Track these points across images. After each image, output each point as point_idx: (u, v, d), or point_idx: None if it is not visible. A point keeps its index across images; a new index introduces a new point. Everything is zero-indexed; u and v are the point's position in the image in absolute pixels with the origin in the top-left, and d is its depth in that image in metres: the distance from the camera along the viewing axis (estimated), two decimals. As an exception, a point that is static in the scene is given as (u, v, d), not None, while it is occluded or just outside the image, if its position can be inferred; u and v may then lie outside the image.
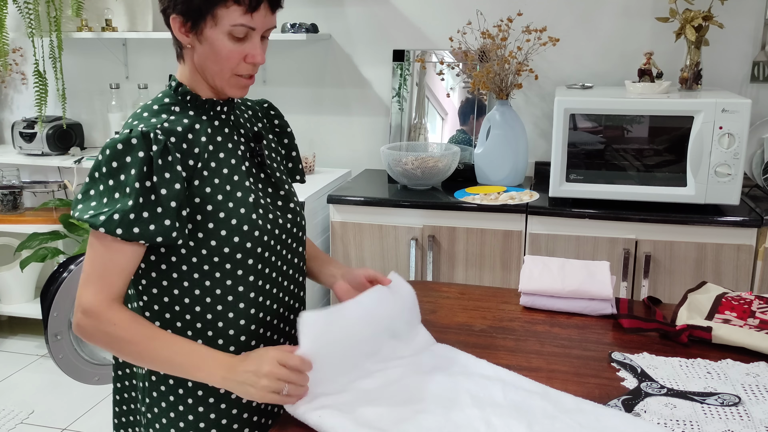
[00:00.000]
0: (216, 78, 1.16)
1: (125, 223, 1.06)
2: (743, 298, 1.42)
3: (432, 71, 2.82)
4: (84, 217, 1.08)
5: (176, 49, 1.19)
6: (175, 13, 1.11)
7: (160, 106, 1.16)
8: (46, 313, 2.38)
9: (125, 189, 1.07)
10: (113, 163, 1.08)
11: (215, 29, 1.11)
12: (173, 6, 1.11)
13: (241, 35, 1.12)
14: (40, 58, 3.18)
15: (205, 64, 1.15)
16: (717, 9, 2.50)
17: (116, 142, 1.08)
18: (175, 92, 1.18)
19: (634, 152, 2.24)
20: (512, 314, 1.49)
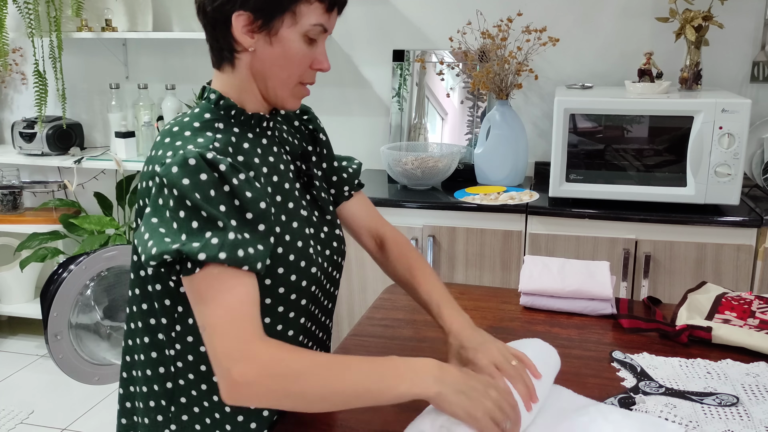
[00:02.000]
0: (279, 87, 1.03)
1: (227, 247, 0.89)
2: (743, 298, 1.43)
3: (432, 71, 2.82)
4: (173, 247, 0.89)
5: (223, 54, 1.02)
6: (243, 10, 0.96)
7: (201, 123, 1.00)
8: (46, 313, 2.39)
9: (201, 214, 0.90)
10: (174, 191, 0.90)
11: (293, 29, 0.98)
12: (241, 2, 0.96)
13: (316, 37, 1.01)
14: (40, 58, 3.18)
15: (270, 71, 1.01)
16: (717, 9, 2.50)
17: (170, 167, 0.91)
18: (216, 106, 1.04)
19: (634, 152, 2.24)
20: (512, 314, 1.49)
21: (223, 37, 1.00)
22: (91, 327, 2.53)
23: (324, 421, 1.08)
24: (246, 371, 0.86)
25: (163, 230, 0.91)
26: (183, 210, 0.90)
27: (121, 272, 2.55)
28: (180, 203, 0.90)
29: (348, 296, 2.55)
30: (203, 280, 0.90)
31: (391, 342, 1.35)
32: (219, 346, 0.87)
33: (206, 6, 0.99)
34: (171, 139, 0.97)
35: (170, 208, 0.91)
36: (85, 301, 2.50)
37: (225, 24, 0.98)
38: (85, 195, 3.38)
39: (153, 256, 0.90)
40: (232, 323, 0.88)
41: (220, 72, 1.04)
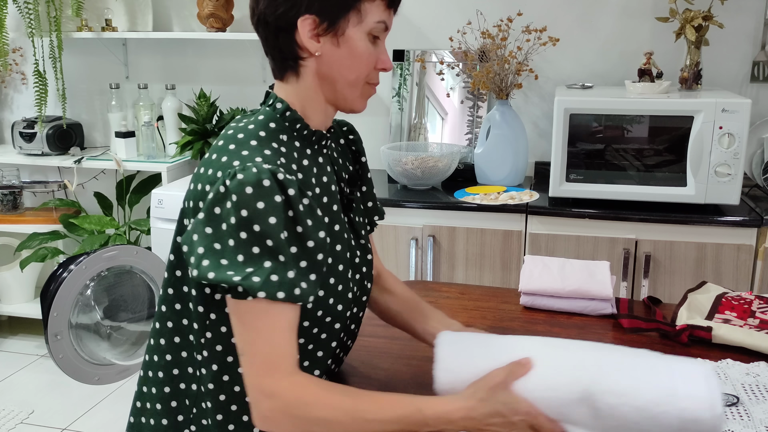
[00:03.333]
0: (348, 89, 1.01)
1: (286, 285, 0.89)
2: (743, 298, 1.42)
3: (432, 71, 2.82)
4: (234, 280, 0.88)
5: (286, 64, 1.00)
6: (309, 13, 0.95)
7: (267, 133, 0.98)
8: (46, 313, 2.39)
9: (266, 242, 0.89)
10: (243, 211, 0.88)
11: (358, 27, 0.97)
12: (305, 6, 0.95)
13: (379, 35, 0.99)
14: (40, 58, 3.18)
15: (338, 73, 0.99)
16: (717, 9, 2.50)
17: (242, 185, 0.88)
18: (281, 116, 1.00)
19: (634, 152, 2.24)
20: (512, 314, 1.49)
21: (287, 45, 0.98)
22: (91, 327, 2.53)
23: (324, 421, 1.08)
24: (273, 407, 0.90)
25: (219, 248, 0.90)
26: (246, 232, 0.89)
27: (121, 272, 2.55)
28: (245, 225, 0.89)
29: (348, 296, 2.55)
30: (252, 309, 0.91)
31: (391, 342, 1.35)
32: (254, 376, 0.91)
33: (267, 17, 0.97)
34: (236, 146, 0.95)
35: (232, 225, 0.89)
36: (85, 301, 2.50)
37: (289, 31, 0.97)
38: (85, 195, 3.38)
39: (210, 279, 0.89)
40: (269, 356, 0.90)
41: (282, 82, 1.02)
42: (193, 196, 0.97)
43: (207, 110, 2.91)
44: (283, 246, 0.90)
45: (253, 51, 3.06)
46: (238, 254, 0.89)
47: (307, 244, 0.92)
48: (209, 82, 3.16)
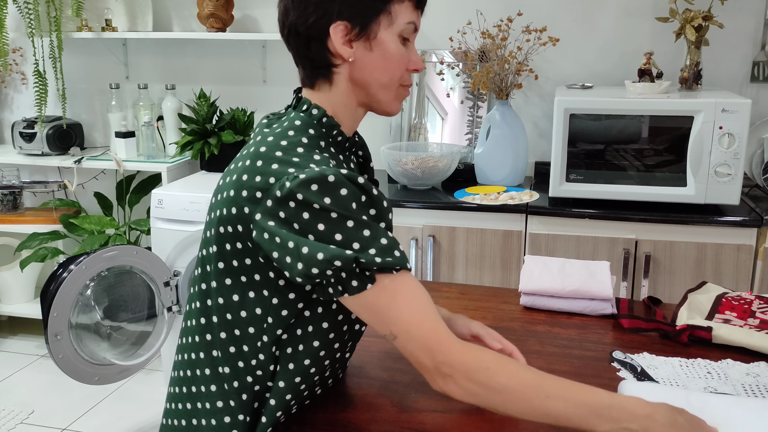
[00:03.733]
0: (382, 92, 1.02)
1: (394, 250, 0.92)
2: (743, 298, 1.43)
3: (432, 71, 2.82)
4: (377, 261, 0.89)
5: (318, 72, 1.01)
6: (340, 20, 0.96)
7: (309, 140, 0.98)
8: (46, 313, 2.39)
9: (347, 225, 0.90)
10: (314, 205, 0.89)
11: (389, 30, 0.99)
12: (336, 13, 0.96)
13: (409, 36, 1.01)
14: (40, 58, 3.18)
15: (371, 77, 1.01)
16: (717, 9, 2.50)
17: (307, 183, 0.89)
18: (318, 123, 1.01)
19: (634, 152, 2.24)
20: (512, 314, 1.49)
21: (319, 53, 0.99)
22: (91, 327, 2.53)
23: (324, 421, 1.08)
24: (455, 375, 0.90)
25: (309, 244, 0.90)
26: (323, 223, 0.90)
27: (121, 272, 2.55)
28: (321, 216, 0.90)
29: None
30: (379, 291, 0.91)
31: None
32: (419, 350, 0.91)
33: (298, 27, 0.98)
34: (284, 153, 0.95)
35: (306, 221, 0.90)
36: (85, 301, 2.50)
37: (321, 40, 0.98)
38: (85, 195, 3.38)
39: (319, 261, 0.88)
40: (422, 325, 0.91)
41: (314, 90, 1.03)
42: (233, 203, 0.96)
43: (207, 110, 2.91)
44: (370, 224, 0.91)
45: (253, 51, 3.06)
46: (336, 234, 0.89)
47: (382, 225, 0.94)
48: (209, 82, 3.16)
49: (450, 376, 0.91)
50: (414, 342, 0.91)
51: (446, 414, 1.10)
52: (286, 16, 0.99)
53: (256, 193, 0.94)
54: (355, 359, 1.28)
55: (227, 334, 1.02)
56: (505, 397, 0.89)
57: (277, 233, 0.91)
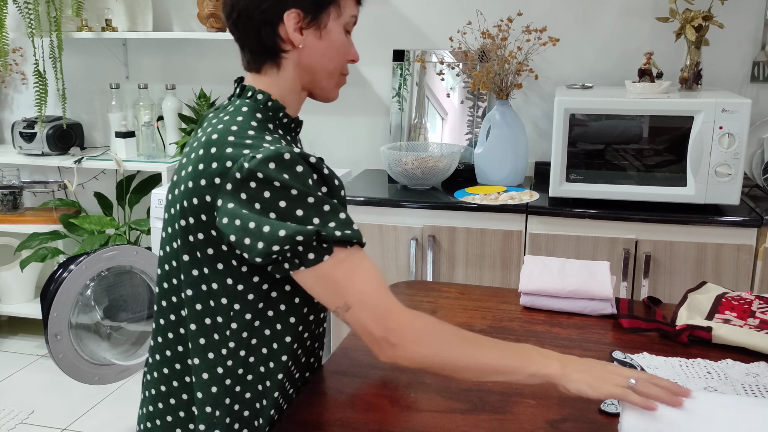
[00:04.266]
0: (326, 79, 1.07)
1: (349, 225, 0.97)
2: (743, 298, 1.43)
3: (432, 71, 2.82)
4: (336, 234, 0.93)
5: (266, 57, 1.05)
6: (294, 7, 1.01)
7: (258, 123, 1.02)
8: (46, 313, 2.39)
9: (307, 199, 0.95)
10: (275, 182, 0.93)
11: (337, 21, 1.05)
12: (291, 1, 1.01)
13: (350, 29, 1.08)
14: (40, 58, 3.18)
15: (318, 64, 1.06)
16: (717, 9, 2.50)
17: (265, 162, 0.93)
18: (264, 107, 1.05)
19: (634, 152, 2.24)
20: (512, 314, 1.49)
21: (270, 38, 1.03)
22: (91, 327, 2.53)
23: (324, 421, 1.08)
24: (403, 341, 0.96)
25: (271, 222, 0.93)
26: (284, 200, 0.94)
27: (121, 272, 2.55)
28: (282, 194, 0.94)
29: (348, 296, 2.55)
30: (336, 263, 0.95)
31: (391, 342, 1.35)
32: (371, 318, 0.96)
33: (251, 11, 1.02)
34: (236, 138, 0.98)
35: (267, 200, 0.93)
36: (85, 301, 2.50)
37: (273, 25, 1.02)
38: (85, 195, 3.38)
39: (280, 238, 0.92)
40: (377, 296, 0.96)
41: (260, 75, 1.07)
42: (192, 194, 0.99)
43: (207, 110, 2.91)
44: (326, 200, 0.96)
45: (253, 51, 3.06)
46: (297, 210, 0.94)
47: (335, 201, 1.00)
48: (209, 82, 3.16)
49: (398, 344, 0.96)
50: (367, 311, 0.96)
51: (446, 414, 1.10)
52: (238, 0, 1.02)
53: (215, 179, 0.97)
54: (354, 359, 1.28)
55: (197, 325, 1.04)
56: (452, 350, 0.97)
57: (238, 215, 0.94)
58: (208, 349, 1.05)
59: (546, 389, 1.17)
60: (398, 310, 0.97)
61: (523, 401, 1.13)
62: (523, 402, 1.13)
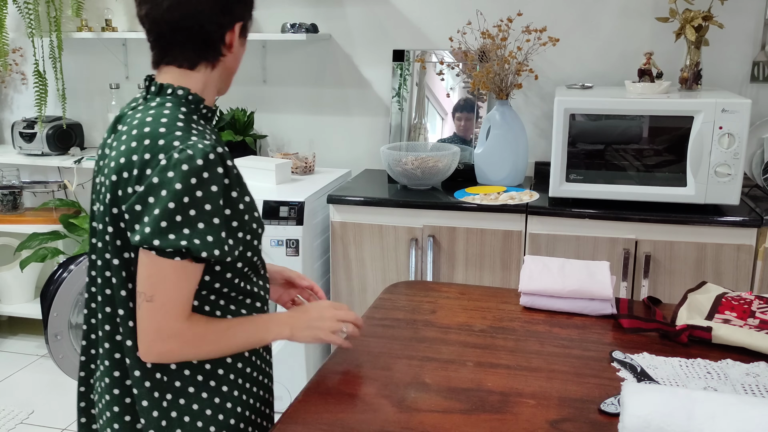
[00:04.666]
0: (232, 77, 1.23)
1: (219, 244, 1.07)
2: (743, 298, 1.43)
3: (432, 71, 2.82)
4: (182, 244, 1.03)
5: (205, 56, 1.16)
6: (241, 20, 1.17)
7: (184, 117, 1.12)
8: (46, 313, 2.38)
9: (213, 212, 1.06)
10: (192, 179, 1.04)
11: (249, 33, 1.22)
12: (245, 15, 1.18)
13: None
14: (40, 58, 3.18)
15: (235, 65, 1.21)
16: (717, 9, 2.50)
17: (193, 159, 1.04)
18: (186, 101, 1.15)
19: (634, 152, 2.24)
20: (512, 314, 1.49)
21: (217, 42, 1.16)
22: (91, 327, 2.53)
23: (324, 421, 1.08)
24: (172, 345, 1.08)
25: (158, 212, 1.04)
26: (188, 197, 1.04)
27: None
28: (189, 191, 1.04)
29: (348, 296, 2.55)
30: (175, 266, 1.06)
31: (391, 342, 1.35)
32: (161, 321, 1.06)
33: (204, 21, 1.13)
34: (167, 130, 1.08)
35: (176, 191, 1.04)
36: (85, 301, 2.49)
37: (223, 33, 1.15)
38: (85, 195, 3.38)
39: (151, 243, 1.04)
40: (179, 302, 1.07)
41: (192, 72, 1.16)
42: (120, 186, 1.09)
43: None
44: (219, 209, 1.07)
45: (253, 51, 3.06)
46: (176, 216, 1.04)
47: (239, 207, 1.11)
48: (209, 82, 3.15)
49: (169, 348, 1.08)
50: (161, 313, 1.06)
51: (446, 414, 1.10)
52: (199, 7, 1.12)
53: (146, 170, 1.07)
54: (354, 359, 1.28)
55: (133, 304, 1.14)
56: (210, 346, 1.11)
57: (141, 197, 1.05)
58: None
59: (546, 389, 1.17)
60: (185, 319, 1.09)
61: (523, 401, 1.13)
62: (523, 402, 1.13)
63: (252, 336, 1.16)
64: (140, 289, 1.07)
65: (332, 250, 2.53)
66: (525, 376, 1.21)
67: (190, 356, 1.11)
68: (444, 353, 1.30)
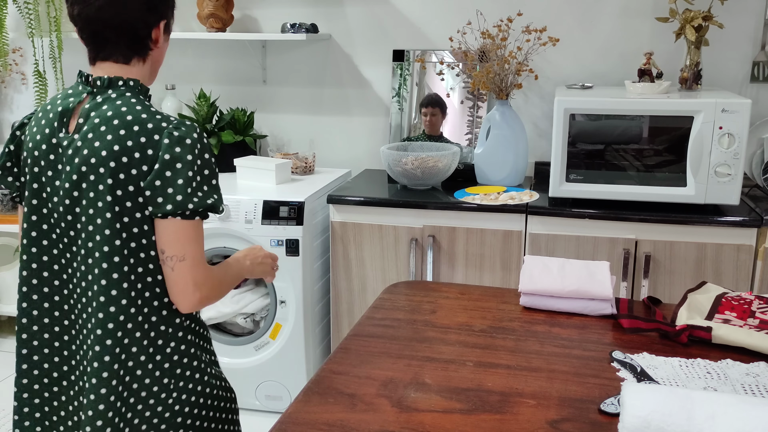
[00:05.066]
0: (157, 71, 1.37)
1: (222, 199, 1.27)
2: (743, 298, 1.43)
3: (432, 71, 2.82)
4: (208, 203, 1.22)
5: (138, 52, 1.30)
6: (165, 18, 1.32)
7: (148, 103, 1.28)
8: (46, 313, 2.38)
9: (214, 172, 1.26)
10: (205, 155, 1.24)
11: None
12: (165, 14, 1.32)
13: None
14: (40, 58, 3.18)
15: (161, 58, 1.36)
16: (717, 9, 2.50)
17: (200, 136, 1.24)
18: (140, 90, 1.29)
19: (634, 152, 2.24)
20: (512, 314, 1.49)
21: (146, 38, 1.29)
22: (91, 327, 2.53)
23: (324, 421, 1.08)
24: (206, 293, 1.26)
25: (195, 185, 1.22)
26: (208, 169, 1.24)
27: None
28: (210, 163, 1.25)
29: (348, 296, 2.55)
30: (196, 224, 1.23)
31: (390, 342, 1.35)
32: (195, 274, 1.23)
33: (135, 21, 1.26)
34: (147, 114, 1.23)
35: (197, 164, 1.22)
36: (85, 301, 2.49)
37: (149, 29, 1.29)
38: (85, 195, 3.38)
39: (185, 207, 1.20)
40: (202, 257, 1.25)
41: (128, 66, 1.29)
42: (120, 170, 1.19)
43: (207, 110, 2.91)
44: (215, 171, 1.27)
45: (253, 51, 3.06)
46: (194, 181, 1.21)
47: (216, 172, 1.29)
48: (209, 82, 3.16)
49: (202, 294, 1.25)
50: (192, 267, 1.23)
51: (446, 414, 1.10)
52: (125, 7, 1.25)
53: (147, 150, 1.20)
54: (354, 359, 1.28)
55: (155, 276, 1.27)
56: (224, 288, 1.31)
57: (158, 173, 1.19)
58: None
59: (546, 389, 1.17)
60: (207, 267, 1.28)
61: (523, 401, 1.13)
62: (523, 402, 1.13)
63: (237, 273, 1.39)
64: (169, 254, 1.22)
65: (332, 250, 2.53)
66: (525, 376, 1.21)
67: (214, 298, 1.29)
68: (444, 353, 1.30)
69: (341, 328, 2.59)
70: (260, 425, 2.57)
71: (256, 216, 2.46)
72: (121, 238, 1.21)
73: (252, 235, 2.47)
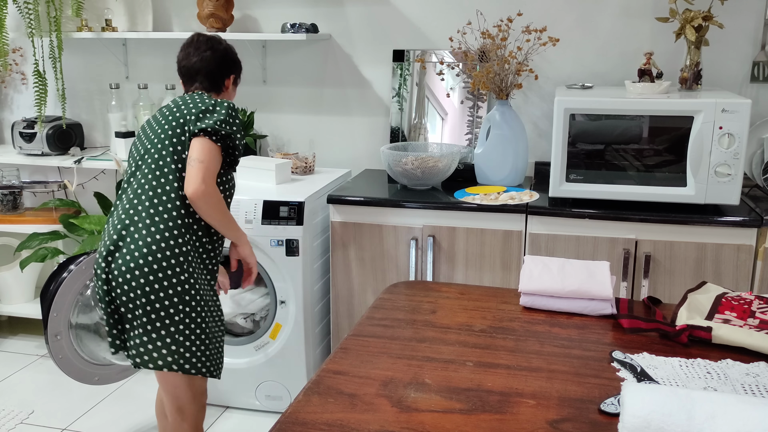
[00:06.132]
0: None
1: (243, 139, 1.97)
2: (743, 298, 1.43)
3: (432, 71, 2.82)
4: (233, 130, 1.89)
5: (220, 87, 2.03)
6: (234, 74, 2.07)
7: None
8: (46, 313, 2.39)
9: (238, 122, 1.92)
10: (230, 111, 1.89)
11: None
12: (237, 71, 2.08)
13: None
14: (40, 58, 3.18)
15: (231, 99, 2.10)
16: (717, 9, 2.50)
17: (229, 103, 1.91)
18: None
19: (634, 152, 2.24)
20: (512, 314, 1.49)
21: (218, 83, 2.02)
22: (91, 327, 2.53)
23: (324, 421, 1.08)
24: (208, 189, 1.81)
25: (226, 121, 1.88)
26: (232, 115, 1.91)
27: (121, 272, 2.55)
28: (232, 114, 1.91)
29: (348, 296, 2.55)
30: (217, 148, 1.86)
31: (390, 342, 1.35)
32: (204, 172, 1.81)
33: (223, 72, 2.03)
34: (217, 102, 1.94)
35: (226, 111, 1.90)
36: (85, 301, 2.50)
37: (222, 79, 2.03)
38: (85, 195, 3.38)
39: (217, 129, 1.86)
40: (214, 169, 1.84)
41: (213, 93, 2.03)
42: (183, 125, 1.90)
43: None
44: (241, 126, 1.94)
45: (253, 51, 3.06)
46: (226, 122, 1.89)
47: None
48: (209, 82, 3.15)
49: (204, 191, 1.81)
50: (206, 170, 1.82)
51: (446, 414, 1.10)
52: (206, 65, 1.99)
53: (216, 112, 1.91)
54: (354, 358, 1.28)
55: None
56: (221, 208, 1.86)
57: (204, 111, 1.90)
58: None
59: (546, 389, 1.17)
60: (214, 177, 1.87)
61: (523, 401, 1.13)
62: (523, 402, 1.13)
63: (236, 229, 1.94)
64: (195, 156, 1.81)
65: (332, 250, 2.53)
66: (525, 376, 1.21)
67: (213, 203, 1.82)
68: (444, 353, 1.30)
69: (341, 328, 2.59)
70: (260, 425, 2.57)
71: (256, 216, 2.46)
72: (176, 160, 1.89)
73: (252, 235, 2.47)
